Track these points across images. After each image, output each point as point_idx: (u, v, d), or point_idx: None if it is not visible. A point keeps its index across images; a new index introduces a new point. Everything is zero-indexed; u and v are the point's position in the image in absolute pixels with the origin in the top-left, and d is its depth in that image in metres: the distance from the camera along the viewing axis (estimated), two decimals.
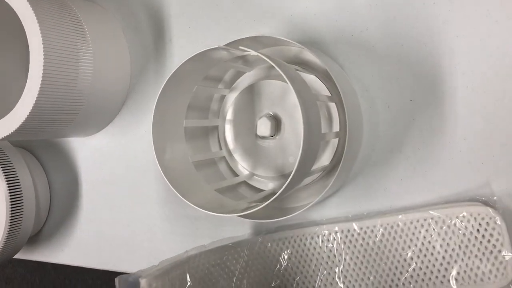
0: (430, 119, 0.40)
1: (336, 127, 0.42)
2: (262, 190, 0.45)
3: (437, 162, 0.40)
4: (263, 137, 0.43)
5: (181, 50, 0.50)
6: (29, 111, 0.42)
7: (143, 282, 0.41)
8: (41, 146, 0.60)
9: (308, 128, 0.33)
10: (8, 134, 0.44)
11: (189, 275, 0.42)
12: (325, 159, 0.42)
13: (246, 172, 0.46)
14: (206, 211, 0.36)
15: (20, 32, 0.42)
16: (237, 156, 0.45)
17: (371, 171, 0.42)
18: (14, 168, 0.53)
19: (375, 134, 0.42)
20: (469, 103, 0.39)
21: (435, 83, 0.40)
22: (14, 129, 0.44)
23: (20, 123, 0.43)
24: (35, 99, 0.42)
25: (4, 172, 0.52)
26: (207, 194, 0.41)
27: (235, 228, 0.48)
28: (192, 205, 0.37)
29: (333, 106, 0.42)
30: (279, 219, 0.40)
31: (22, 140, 0.60)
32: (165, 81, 0.38)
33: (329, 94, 0.42)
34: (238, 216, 0.40)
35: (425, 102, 0.40)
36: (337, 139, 0.42)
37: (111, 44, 0.49)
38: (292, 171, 0.33)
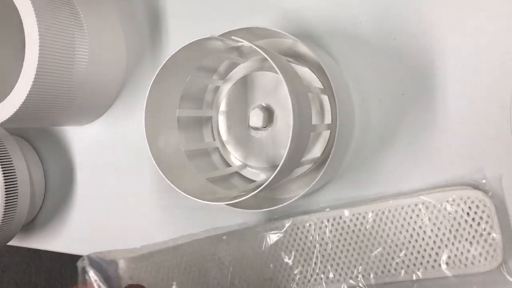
0: (421, 112, 0.41)
1: (328, 120, 0.42)
2: (254, 181, 0.46)
3: (427, 155, 0.40)
4: (256, 128, 0.43)
5: (177, 40, 0.50)
6: (25, 97, 0.43)
7: (121, 262, 0.40)
8: (37, 135, 0.60)
9: (298, 118, 0.34)
10: (3, 120, 0.45)
11: (176, 262, 0.42)
12: (316, 151, 0.43)
13: (238, 163, 0.46)
14: (195, 198, 0.37)
15: (17, 20, 0.43)
16: (230, 147, 0.46)
17: (362, 164, 0.43)
18: (9, 156, 0.54)
19: (367, 127, 0.43)
20: (460, 97, 0.39)
21: (427, 77, 0.40)
22: (9, 116, 0.44)
23: (15, 110, 0.43)
24: (30, 86, 0.42)
25: None
26: (199, 183, 0.42)
27: (228, 218, 0.48)
28: (181, 191, 0.37)
29: (325, 98, 0.42)
30: (268, 209, 0.40)
31: (18, 128, 0.61)
32: (159, 69, 0.38)
33: (322, 87, 0.42)
34: (227, 205, 0.41)
35: (417, 96, 0.41)
36: (329, 131, 0.42)
37: (107, 33, 0.49)
38: None
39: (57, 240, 0.59)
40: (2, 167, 0.52)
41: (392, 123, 0.42)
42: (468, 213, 0.38)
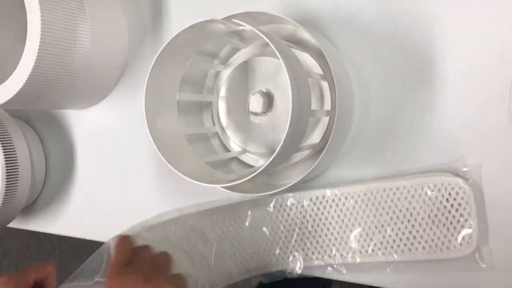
0: (420, 101, 0.41)
1: (327, 106, 0.42)
2: (253, 167, 0.46)
3: (426, 143, 0.41)
4: (255, 114, 0.44)
5: (178, 25, 0.50)
6: (26, 79, 0.43)
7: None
8: (38, 118, 0.60)
9: (298, 102, 0.34)
10: (4, 101, 0.45)
11: (167, 238, 0.42)
12: (315, 137, 0.43)
13: (238, 149, 0.46)
14: (192, 180, 0.37)
15: (18, 2, 0.43)
16: (229, 132, 0.46)
17: (360, 151, 0.43)
18: (10, 138, 0.54)
19: (366, 115, 0.43)
20: (459, 86, 0.39)
21: (427, 65, 0.40)
22: (11, 97, 0.44)
23: (17, 91, 0.44)
24: (32, 67, 0.42)
25: (1, 141, 0.53)
26: (197, 166, 0.42)
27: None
28: (178, 172, 0.37)
29: (325, 85, 0.42)
30: (265, 193, 0.41)
31: (19, 111, 0.61)
32: (160, 50, 0.38)
33: (322, 73, 0.42)
34: (225, 188, 0.41)
35: (416, 84, 0.41)
36: (328, 118, 0.43)
37: (109, 15, 0.49)
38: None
39: (58, 222, 0.60)
40: (3, 148, 0.52)
41: (391, 111, 0.42)
42: (447, 199, 0.38)
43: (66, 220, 0.59)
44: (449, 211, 0.38)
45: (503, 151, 0.38)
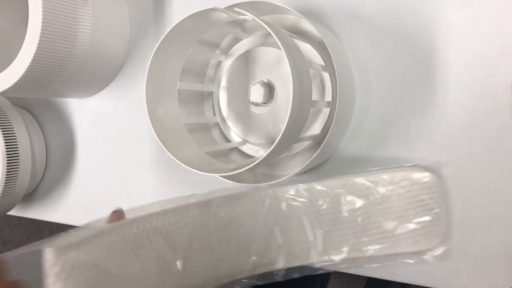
0: (422, 93, 0.41)
1: (328, 97, 0.42)
2: (253, 157, 0.46)
3: (427, 136, 0.41)
4: (256, 104, 0.44)
5: (180, 14, 0.50)
6: (27, 66, 0.43)
7: (48, 251, 0.30)
8: (39, 106, 0.60)
9: (299, 92, 0.34)
10: (5, 89, 0.45)
11: (123, 242, 0.35)
12: (315, 128, 0.43)
13: (238, 139, 0.46)
14: (192, 168, 0.37)
15: None
16: (230, 123, 0.46)
17: (360, 143, 0.43)
18: (11, 126, 0.54)
19: (367, 106, 0.43)
20: (461, 78, 0.39)
21: (428, 57, 0.40)
22: (11, 85, 0.44)
23: (18, 79, 0.44)
24: (33, 55, 0.42)
25: (1, 129, 0.53)
26: (197, 155, 0.42)
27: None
28: (178, 160, 0.37)
29: (326, 76, 0.42)
30: (264, 183, 0.41)
31: (20, 99, 0.61)
32: (162, 37, 0.38)
33: (324, 64, 0.42)
34: (225, 178, 0.41)
35: (418, 76, 0.41)
36: (329, 109, 0.43)
37: (111, 4, 0.49)
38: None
39: (57, 211, 0.60)
40: (4, 136, 0.53)
41: (392, 103, 0.42)
42: (419, 193, 0.39)
43: (66, 209, 0.59)
44: (421, 205, 0.39)
45: (504, 143, 0.38)
